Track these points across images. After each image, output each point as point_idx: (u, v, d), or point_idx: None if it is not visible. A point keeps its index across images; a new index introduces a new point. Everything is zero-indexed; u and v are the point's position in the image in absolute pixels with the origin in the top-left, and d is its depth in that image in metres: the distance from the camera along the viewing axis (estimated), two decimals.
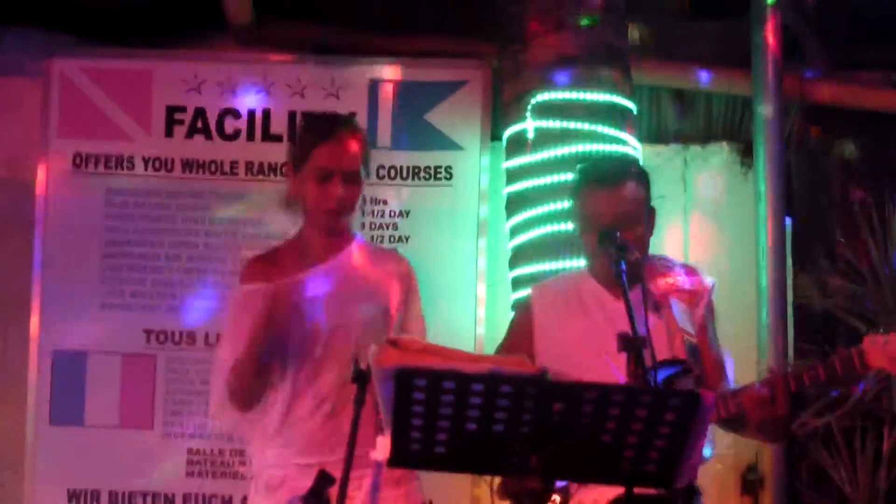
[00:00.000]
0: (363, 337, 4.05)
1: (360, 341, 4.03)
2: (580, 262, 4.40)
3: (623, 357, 3.61)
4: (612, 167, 4.41)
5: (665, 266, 4.24)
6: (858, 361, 3.88)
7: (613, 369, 3.80)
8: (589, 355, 4.02)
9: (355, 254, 4.25)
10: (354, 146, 4.15)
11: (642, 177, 4.25)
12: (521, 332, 4.30)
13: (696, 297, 4.17)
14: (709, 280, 4.25)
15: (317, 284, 4.10)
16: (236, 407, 4.10)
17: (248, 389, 4.07)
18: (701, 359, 4.13)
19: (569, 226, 4.44)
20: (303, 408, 4.09)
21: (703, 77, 6.44)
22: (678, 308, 4.09)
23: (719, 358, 4.21)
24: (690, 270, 4.26)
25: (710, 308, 4.23)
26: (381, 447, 3.56)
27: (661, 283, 4.15)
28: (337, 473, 3.65)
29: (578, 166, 4.38)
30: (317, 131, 4.20)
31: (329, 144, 4.12)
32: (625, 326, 3.70)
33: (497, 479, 3.93)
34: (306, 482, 3.77)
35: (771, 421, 3.95)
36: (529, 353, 4.09)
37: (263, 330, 3.98)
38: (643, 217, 4.17)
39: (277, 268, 4.14)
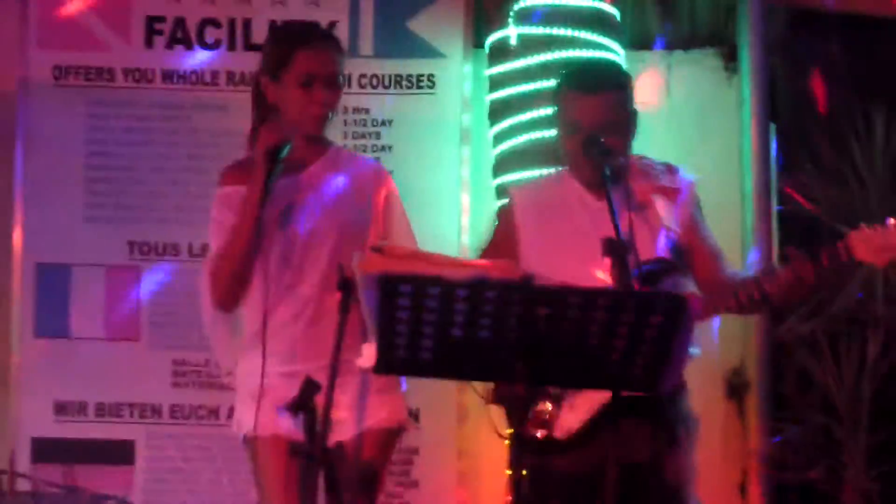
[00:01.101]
0: (344, 244, 4.05)
1: (341, 248, 4.03)
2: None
3: (608, 259, 3.62)
4: (596, 74, 4.40)
5: (646, 166, 4.25)
6: (845, 254, 3.90)
7: (597, 272, 3.81)
8: (573, 256, 4.03)
9: (335, 160, 4.25)
10: (334, 51, 4.17)
11: (626, 83, 4.25)
12: (503, 235, 4.31)
13: (679, 195, 4.18)
14: (690, 176, 4.26)
15: (296, 190, 4.08)
16: (214, 302, 4.09)
17: (226, 283, 4.06)
18: (692, 253, 4.15)
19: (553, 132, 4.42)
20: (283, 314, 4.08)
21: None
22: (662, 206, 4.10)
23: (716, 248, 4.22)
24: (671, 168, 4.28)
25: (696, 203, 4.25)
26: (367, 354, 3.57)
27: (643, 183, 4.16)
28: (322, 381, 3.66)
29: (562, 72, 4.37)
30: (296, 37, 4.19)
31: (310, 49, 4.12)
32: (607, 227, 3.71)
33: (487, 385, 3.95)
34: (289, 391, 3.79)
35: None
36: (513, 257, 4.10)
37: (243, 225, 3.97)
38: (627, 124, 4.16)
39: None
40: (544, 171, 5.18)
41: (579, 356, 3.17)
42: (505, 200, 4.44)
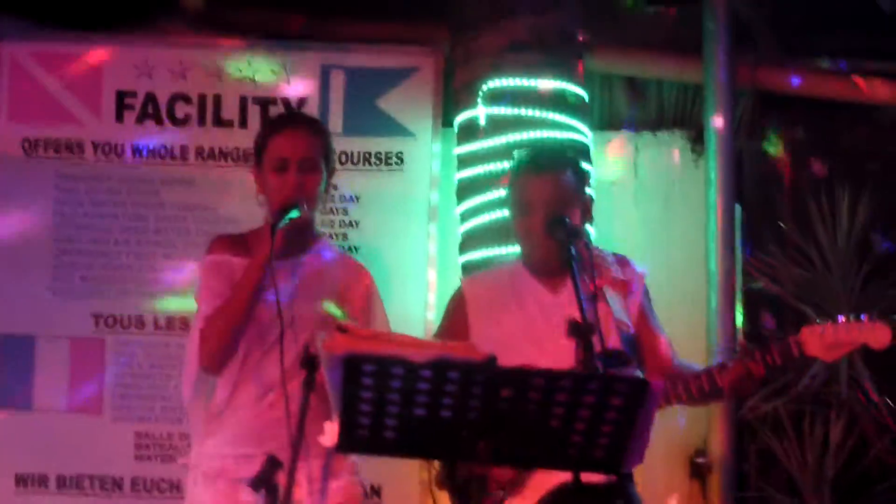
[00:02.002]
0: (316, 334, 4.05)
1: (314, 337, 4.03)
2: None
3: (563, 345, 3.62)
4: (547, 155, 4.42)
5: (598, 257, 4.24)
6: (797, 350, 3.96)
7: (550, 359, 3.82)
8: (526, 348, 4.00)
9: (321, 253, 4.28)
10: (309, 136, 4.22)
11: (577, 166, 4.28)
12: (455, 324, 4.30)
13: (630, 287, 4.20)
14: (640, 269, 4.29)
15: (282, 275, 4.09)
16: (201, 362, 4.07)
17: (217, 344, 4.04)
18: (643, 345, 4.18)
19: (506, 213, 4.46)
20: (246, 395, 4.09)
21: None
22: (613, 299, 4.11)
23: (666, 340, 4.25)
24: (622, 261, 4.29)
25: (646, 295, 4.28)
26: (330, 432, 3.56)
27: (595, 273, 4.15)
28: (277, 456, 3.66)
29: (515, 153, 4.41)
30: (273, 125, 4.33)
31: (283, 134, 4.18)
32: (559, 320, 3.71)
33: (434, 469, 3.94)
34: (243, 472, 3.83)
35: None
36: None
37: (246, 284, 4.00)
38: (577, 204, 4.19)
39: (244, 251, 4.15)
40: (510, 250, 5.22)
41: (541, 436, 3.17)
42: (457, 288, 4.43)
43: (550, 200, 4.11)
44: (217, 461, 4.06)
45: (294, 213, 4.05)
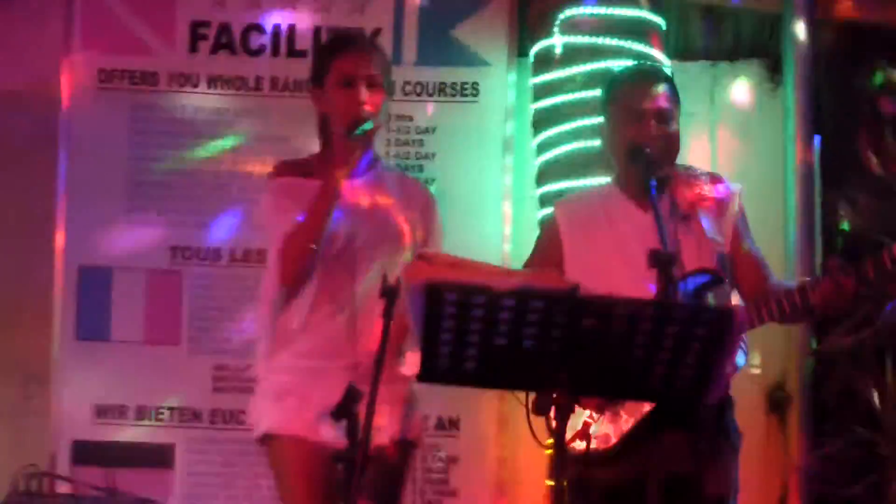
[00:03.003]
0: (388, 253, 4.07)
1: (385, 257, 4.05)
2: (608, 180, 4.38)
3: (653, 271, 3.59)
4: (645, 69, 4.45)
5: (691, 176, 4.22)
6: (889, 262, 3.88)
7: (643, 284, 3.79)
8: (619, 269, 4.02)
9: (383, 174, 4.27)
10: (373, 55, 4.21)
11: (673, 82, 4.25)
12: (548, 249, 4.28)
13: (724, 205, 4.16)
14: (735, 186, 4.24)
15: (348, 194, 4.07)
16: (282, 279, 4.06)
17: (298, 261, 4.02)
18: (737, 264, 4.14)
19: (597, 142, 4.41)
20: (322, 311, 4.07)
21: None
22: (706, 218, 4.08)
23: (760, 258, 4.21)
24: (716, 178, 4.25)
25: (741, 213, 4.22)
26: (411, 362, 3.56)
27: (688, 193, 4.13)
28: (349, 380, 3.68)
29: (612, 74, 4.37)
30: (335, 44, 4.35)
31: (349, 53, 4.17)
32: (653, 239, 3.70)
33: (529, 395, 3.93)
34: (314, 391, 3.89)
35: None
36: (557, 269, 4.11)
37: (324, 201, 3.99)
38: (677, 115, 4.17)
39: (309, 172, 4.13)
40: (588, 181, 5.18)
41: (624, 367, 3.15)
42: (548, 212, 4.40)
43: (657, 106, 4.09)
44: (286, 375, 4.06)
45: (368, 125, 4.04)
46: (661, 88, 4.15)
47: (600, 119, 4.30)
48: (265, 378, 4.15)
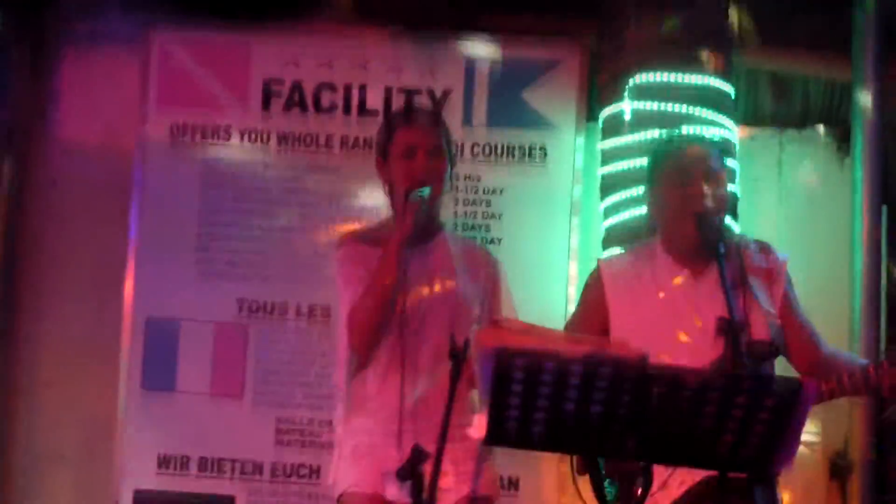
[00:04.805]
0: (455, 318, 4.17)
1: (452, 321, 4.14)
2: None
3: (702, 332, 3.60)
4: (689, 135, 4.55)
5: (741, 244, 4.21)
6: None
7: (692, 348, 3.80)
8: (669, 332, 4.02)
9: (449, 240, 4.37)
10: (432, 125, 4.36)
11: (721, 147, 4.29)
12: (593, 308, 4.28)
13: (773, 275, 4.15)
14: (783, 255, 4.22)
15: (413, 263, 4.15)
16: (355, 351, 4.16)
17: (367, 329, 4.12)
18: (788, 334, 4.13)
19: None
20: (393, 376, 4.15)
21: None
22: (757, 287, 4.06)
23: (810, 327, 4.20)
24: (764, 247, 4.23)
25: (789, 281, 4.21)
26: (478, 424, 3.58)
27: (738, 261, 4.11)
28: (425, 445, 3.70)
29: (657, 145, 4.40)
30: (395, 118, 4.45)
31: (411, 126, 4.31)
32: (706, 305, 3.69)
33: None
34: (391, 451, 3.99)
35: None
36: (603, 329, 4.14)
37: (388, 270, 4.08)
38: (724, 180, 4.18)
39: (376, 242, 4.22)
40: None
41: (692, 436, 3.15)
42: (593, 272, 4.40)
43: (703, 163, 4.11)
44: (365, 437, 4.16)
45: (425, 190, 4.13)
46: (708, 151, 4.18)
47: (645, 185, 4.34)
48: (343, 441, 4.23)
